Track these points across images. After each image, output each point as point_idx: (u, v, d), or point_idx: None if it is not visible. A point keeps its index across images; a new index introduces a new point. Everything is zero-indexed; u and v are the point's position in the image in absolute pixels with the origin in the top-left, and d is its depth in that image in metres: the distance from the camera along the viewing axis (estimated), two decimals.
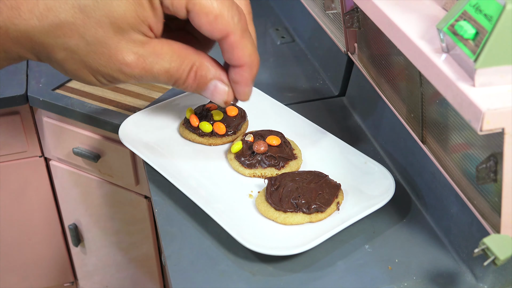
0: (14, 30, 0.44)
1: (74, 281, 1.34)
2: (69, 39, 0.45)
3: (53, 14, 0.44)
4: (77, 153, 1.01)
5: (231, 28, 0.47)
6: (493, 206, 0.48)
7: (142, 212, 1.05)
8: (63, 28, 0.44)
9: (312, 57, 0.93)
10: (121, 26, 0.45)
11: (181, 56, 0.49)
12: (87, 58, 0.46)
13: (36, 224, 1.22)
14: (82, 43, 0.45)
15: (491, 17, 0.39)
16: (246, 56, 0.49)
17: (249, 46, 0.49)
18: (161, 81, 0.49)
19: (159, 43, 0.48)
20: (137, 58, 0.47)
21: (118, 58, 0.46)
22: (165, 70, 0.48)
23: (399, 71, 0.61)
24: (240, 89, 0.53)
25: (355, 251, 0.57)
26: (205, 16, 0.46)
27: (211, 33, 0.48)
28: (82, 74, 0.48)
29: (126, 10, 0.45)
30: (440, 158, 0.56)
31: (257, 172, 0.64)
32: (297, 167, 0.65)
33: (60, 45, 0.45)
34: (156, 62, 0.48)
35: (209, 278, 0.54)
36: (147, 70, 0.47)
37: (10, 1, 0.44)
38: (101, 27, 0.45)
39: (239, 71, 0.51)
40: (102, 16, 0.44)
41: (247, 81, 0.52)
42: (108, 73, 0.47)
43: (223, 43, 0.49)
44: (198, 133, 0.69)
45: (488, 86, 0.41)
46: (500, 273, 0.53)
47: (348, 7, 0.66)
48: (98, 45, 0.45)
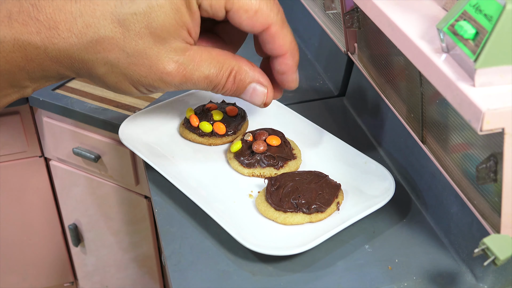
0: (52, 49, 0.44)
1: (74, 281, 1.34)
2: (109, 53, 0.45)
3: (92, 30, 0.44)
4: (77, 153, 1.01)
5: (271, 20, 0.49)
6: (493, 206, 0.48)
7: (142, 212, 1.05)
8: (102, 43, 0.44)
9: (312, 57, 0.93)
10: (160, 35, 0.45)
11: (220, 61, 0.50)
12: (128, 70, 0.46)
13: (36, 224, 1.22)
14: (122, 56, 0.45)
15: (491, 17, 0.39)
16: (288, 44, 0.51)
17: (289, 34, 0.51)
18: (201, 87, 0.50)
19: (198, 50, 0.49)
20: (178, 66, 0.47)
21: (159, 67, 0.46)
22: (205, 76, 0.49)
23: (399, 71, 0.61)
24: (288, 77, 0.54)
25: (355, 251, 0.57)
26: (245, 12, 0.48)
27: (252, 27, 0.49)
28: (123, 87, 0.48)
29: (165, 19, 0.45)
30: (440, 158, 0.56)
31: (256, 171, 0.64)
32: (296, 167, 0.65)
33: (100, 60, 0.45)
34: (196, 69, 0.48)
35: (209, 278, 0.54)
36: (187, 78, 0.48)
37: (48, 22, 0.44)
38: (141, 38, 0.45)
39: (283, 60, 0.52)
40: (142, 27, 0.45)
41: (293, 68, 0.53)
42: (149, 83, 0.47)
43: (264, 34, 0.50)
44: (198, 133, 0.69)
45: (488, 86, 0.41)
46: (500, 273, 0.53)
47: (348, 7, 0.66)
48: (139, 56, 0.46)
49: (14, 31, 0.43)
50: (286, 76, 0.54)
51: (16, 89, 0.47)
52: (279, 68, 0.53)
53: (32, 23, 0.43)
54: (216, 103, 0.73)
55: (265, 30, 0.49)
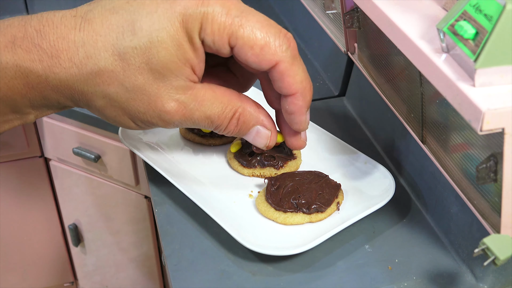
0: (53, 78, 0.43)
1: (74, 281, 1.34)
2: (108, 86, 0.44)
3: (92, 62, 0.43)
4: (77, 153, 1.01)
5: (279, 57, 0.45)
6: (493, 206, 0.48)
7: (142, 212, 1.05)
8: (102, 76, 0.43)
9: (312, 57, 0.93)
10: (161, 72, 0.44)
11: (223, 102, 0.47)
12: (126, 105, 0.45)
13: (36, 224, 1.23)
14: (121, 90, 0.44)
15: (491, 17, 0.39)
16: (298, 83, 0.47)
17: (300, 72, 0.47)
18: (201, 126, 0.48)
19: (202, 89, 0.46)
20: (178, 105, 0.45)
21: (158, 105, 0.45)
22: (206, 117, 0.47)
23: (399, 71, 0.61)
24: (296, 119, 0.51)
25: (355, 251, 0.57)
26: (250, 49, 0.44)
27: (258, 65, 0.46)
28: (122, 120, 0.47)
29: (165, 55, 0.43)
30: (440, 158, 0.56)
31: (255, 171, 0.64)
32: (296, 167, 0.65)
33: (99, 93, 0.44)
34: (197, 108, 0.46)
35: (209, 278, 0.54)
36: (187, 117, 0.46)
37: (51, 50, 0.43)
38: (141, 74, 0.43)
39: (292, 100, 0.49)
40: (142, 62, 0.43)
41: (302, 109, 0.50)
42: (148, 119, 0.46)
43: (273, 72, 0.46)
44: (198, 133, 0.69)
45: (488, 86, 0.41)
46: (500, 273, 0.53)
47: (348, 7, 0.66)
48: (138, 92, 0.44)
49: (16, 57, 0.43)
50: (294, 117, 0.51)
51: (18, 115, 0.46)
52: (287, 108, 0.50)
53: (35, 51, 0.43)
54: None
55: (273, 68, 0.46)
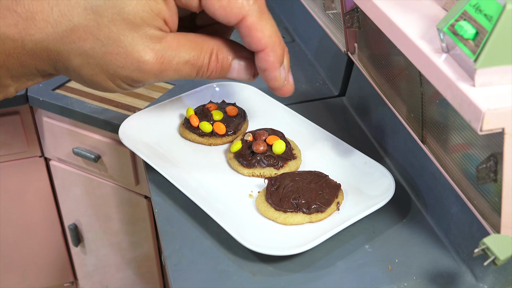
0: (29, 41, 0.44)
1: (74, 281, 1.34)
2: (84, 42, 0.44)
3: (66, 19, 0.43)
4: (77, 153, 1.01)
5: (246, 11, 0.45)
6: (493, 206, 0.48)
7: (142, 212, 1.05)
8: (77, 32, 0.44)
9: (312, 57, 0.93)
10: (134, 22, 0.44)
11: (198, 43, 0.48)
12: (103, 60, 0.45)
13: (36, 224, 1.22)
14: (97, 45, 0.44)
15: (491, 17, 0.39)
16: (267, 38, 0.47)
17: (268, 27, 0.47)
18: (183, 73, 0.48)
19: (175, 37, 0.47)
20: (155, 54, 0.45)
21: (135, 56, 0.45)
22: (185, 61, 0.47)
23: (399, 71, 0.61)
24: (270, 75, 0.50)
25: (355, 251, 0.57)
26: (218, 1, 0.45)
27: (226, 18, 0.46)
28: (100, 80, 0.47)
29: (138, 5, 0.44)
30: (440, 158, 0.56)
31: (256, 171, 0.64)
32: (296, 167, 0.65)
33: (75, 50, 0.44)
34: (174, 55, 0.46)
35: (209, 278, 0.54)
36: (166, 65, 0.46)
37: (25, 13, 0.43)
38: (115, 25, 0.44)
39: (263, 56, 0.48)
40: (114, 14, 0.44)
41: (274, 64, 0.49)
42: (127, 74, 0.46)
43: (240, 27, 0.46)
44: (198, 133, 0.69)
45: (488, 86, 0.41)
46: (500, 273, 0.53)
47: (348, 7, 0.66)
48: (114, 45, 0.44)
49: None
50: (268, 74, 0.49)
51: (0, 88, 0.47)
52: (259, 65, 0.49)
53: (10, 16, 0.43)
54: (216, 103, 0.73)
55: (241, 22, 0.46)
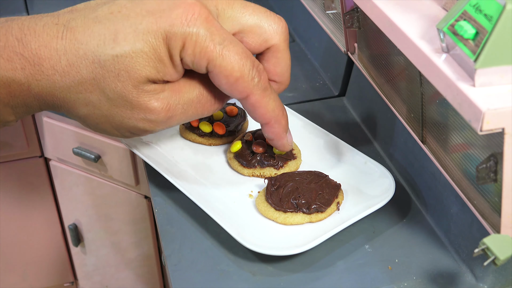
0: (36, 86, 0.44)
1: (74, 281, 1.34)
2: (90, 94, 0.44)
3: (75, 70, 0.43)
4: (77, 153, 1.01)
5: (250, 90, 0.47)
6: (493, 206, 0.48)
7: (142, 212, 1.05)
8: (84, 83, 0.44)
9: (312, 57, 0.93)
10: (140, 80, 0.44)
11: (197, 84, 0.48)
12: (109, 112, 0.45)
13: (36, 224, 1.22)
14: (103, 98, 0.44)
15: (491, 17, 0.39)
16: (270, 112, 0.49)
17: (271, 102, 0.49)
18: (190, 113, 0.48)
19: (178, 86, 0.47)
20: (161, 102, 0.46)
21: (142, 107, 0.45)
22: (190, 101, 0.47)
23: (399, 71, 0.61)
24: (277, 144, 0.53)
25: (355, 251, 0.57)
26: (225, 78, 0.46)
27: (230, 93, 0.47)
28: (106, 128, 0.47)
29: (146, 66, 0.44)
30: (440, 158, 0.56)
31: (256, 171, 0.64)
32: (296, 167, 0.65)
33: (81, 100, 0.44)
34: (179, 98, 0.47)
35: (209, 278, 0.54)
36: (173, 110, 0.46)
37: (33, 58, 0.43)
38: (120, 81, 0.44)
39: (269, 128, 0.51)
40: (121, 70, 0.43)
41: (280, 135, 0.52)
42: (133, 125, 0.46)
43: (245, 104, 0.48)
44: (198, 133, 0.69)
45: (488, 86, 0.41)
46: (500, 273, 0.53)
47: (348, 7, 0.66)
48: (119, 99, 0.44)
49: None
50: (275, 142, 0.53)
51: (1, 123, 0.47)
52: (266, 135, 0.52)
53: (17, 59, 0.43)
54: None
55: (245, 99, 0.48)
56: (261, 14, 0.49)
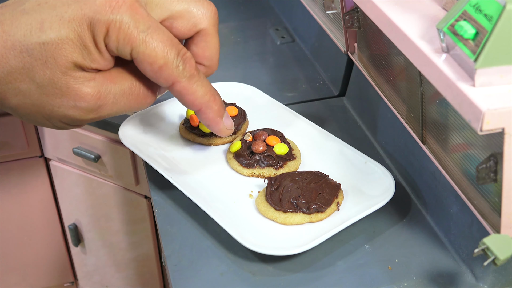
0: None
1: (74, 281, 1.34)
2: (20, 83, 0.44)
3: (3, 61, 0.44)
4: (77, 153, 1.01)
5: (175, 77, 0.46)
6: (493, 206, 0.48)
7: (142, 212, 1.05)
8: (13, 73, 0.44)
9: (312, 57, 0.93)
10: (68, 66, 0.44)
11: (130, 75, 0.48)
12: (39, 101, 0.45)
13: (36, 224, 1.23)
14: (33, 86, 0.44)
15: (491, 17, 0.39)
16: (199, 99, 0.48)
17: (199, 88, 0.48)
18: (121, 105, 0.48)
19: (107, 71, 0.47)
20: (92, 89, 0.46)
21: (71, 94, 0.45)
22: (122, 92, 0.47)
23: (399, 71, 0.61)
24: (214, 129, 0.52)
25: (355, 251, 0.57)
26: (149, 65, 0.46)
27: (156, 81, 0.47)
28: (37, 119, 0.47)
29: (73, 52, 0.44)
30: (440, 158, 0.56)
31: (255, 171, 0.64)
32: (296, 167, 0.65)
33: (12, 90, 0.45)
34: (111, 88, 0.47)
35: (209, 278, 0.54)
36: (103, 99, 0.46)
37: None
38: (48, 68, 0.44)
39: (201, 115, 0.50)
40: (49, 57, 0.44)
41: (214, 120, 0.51)
42: (64, 114, 0.46)
43: (172, 90, 0.48)
44: (198, 133, 0.69)
45: (488, 86, 0.41)
46: (500, 273, 0.53)
47: (348, 7, 0.66)
48: (49, 86, 0.45)
49: None
50: (212, 128, 0.52)
51: None
52: (202, 122, 0.51)
53: None
54: None
55: (171, 87, 0.47)
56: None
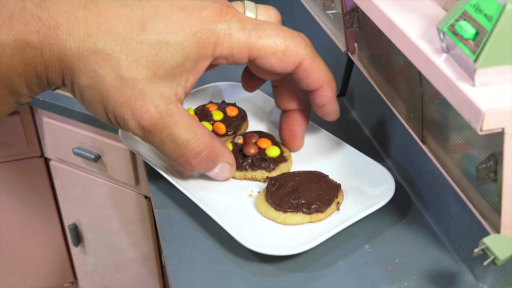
0: (48, 50, 0.43)
1: (74, 281, 1.34)
2: (99, 67, 0.43)
3: (92, 40, 0.43)
4: (77, 153, 1.01)
5: (301, 56, 0.48)
6: (493, 206, 0.48)
7: (142, 212, 1.05)
8: (97, 56, 0.43)
9: None
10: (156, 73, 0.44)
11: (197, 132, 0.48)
12: (108, 92, 0.44)
13: (36, 224, 1.23)
14: (110, 76, 0.44)
15: (491, 17, 0.39)
16: (323, 76, 0.50)
17: (322, 65, 0.50)
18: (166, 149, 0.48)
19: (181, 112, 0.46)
20: (154, 112, 0.45)
21: (137, 103, 0.45)
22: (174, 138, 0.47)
23: (399, 71, 0.61)
24: (329, 109, 0.53)
25: (355, 251, 0.57)
26: (273, 56, 0.46)
27: (284, 68, 0.48)
28: (96, 107, 0.46)
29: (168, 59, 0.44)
30: (440, 158, 0.56)
31: (247, 174, 0.63)
32: (288, 169, 0.65)
33: (88, 70, 0.44)
34: (170, 125, 0.46)
35: (209, 278, 0.54)
36: (158, 127, 0.46)
37: (50, 21, 0.42)
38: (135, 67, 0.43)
39: (321, 92, 0.51)
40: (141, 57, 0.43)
41: (332, 99, 0.52)
42: (121, 114, 0.45)
43: (298, 72, 0.49)
44: None
45: (488, 86, 0.41)
46: (500, 273, 0.53)
47: (348, 7, 0.66)
48: (124, 84, 0.44)
49: (14, 31, 0.42)
50: (327, 108, 0.52)
51: (16, 97, 0.46)
52: (318, 101, 0.51)
53: (33, 22, 0.42)
54: (216, 103, 0.72)
55: (298, 68, 0.48)
56: None
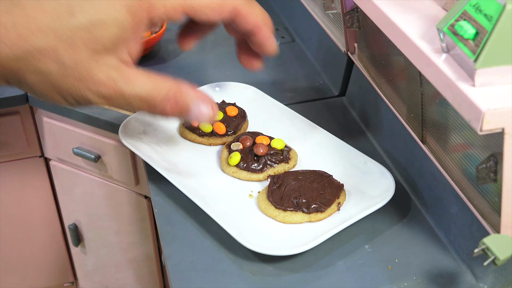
0: None
1: (74, 281, 1.34)
2: (41, 63, 0.45)
3: (24, 41, 0.44)
4: (77, 153, 1.01)
5: (235, 3, 0.50)
6: (493, 206, 0.48)
7: (142, 212, 1.05)
8: (35, 54, 0.44)
9: (312, 57, 0.93)
10: (96, 50, 0.45)
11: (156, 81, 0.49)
12: (59, 82, 0.46)
13: (36, 224, 1.22)
14: (54, 67, 0.45)
15: (491, 17, 0.39)
16: (259, 16, 0.52)
17: (257, 7, 0.52)
18: (135, 106, 0.49)
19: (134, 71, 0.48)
20: (107, 79, 0.46)
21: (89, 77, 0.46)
22: (137, 95, 0.48)
23: (399, 71, 0.61)
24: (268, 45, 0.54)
25: (355, 251, 0.57)
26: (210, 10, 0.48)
27: (220, 15, 0.50)
28: (52, 96, 0.47)
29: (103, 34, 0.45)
30: (440, 158, 0.56)
31: (270, 172, 0.64)
32: (297, 156, 0.66)
33: (31, 69, 0.45)
34: (128, 87, 0.47)
35: (209, 278, 0.54)
36: (117, 92, 0.47)
37: None
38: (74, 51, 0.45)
39: (259, 32, 0.53)
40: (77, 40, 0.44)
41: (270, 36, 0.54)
42: (78, 93, 0.47)
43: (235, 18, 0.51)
44: (198, 133, 0.69)
45: (488, 86, 0.41)
46: (500, 273, 0.53)
47: (348, 7, 0.66)
48: (71, 68, 0.45)
49: None
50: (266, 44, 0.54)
51: None
52: (258, 41, 0.53)
53: None
54: (216, 103, 0.72)
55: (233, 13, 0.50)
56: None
